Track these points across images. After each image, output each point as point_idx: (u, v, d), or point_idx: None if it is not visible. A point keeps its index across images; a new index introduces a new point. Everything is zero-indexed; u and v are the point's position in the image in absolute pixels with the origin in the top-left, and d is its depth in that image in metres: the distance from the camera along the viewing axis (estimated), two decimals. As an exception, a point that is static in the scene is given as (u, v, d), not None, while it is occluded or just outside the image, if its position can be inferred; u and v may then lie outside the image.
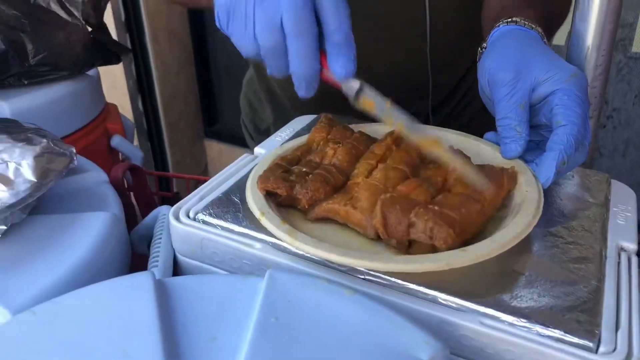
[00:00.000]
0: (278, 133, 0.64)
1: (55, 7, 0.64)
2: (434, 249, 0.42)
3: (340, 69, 0.46)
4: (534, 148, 0.53)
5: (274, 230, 0.44)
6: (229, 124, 2.47)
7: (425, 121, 0.84)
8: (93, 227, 0.46)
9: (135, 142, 2.29)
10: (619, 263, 0.45)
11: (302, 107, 0.83)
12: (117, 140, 0.78)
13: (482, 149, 0.56)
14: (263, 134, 0.98)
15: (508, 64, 0.50)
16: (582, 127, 0.47)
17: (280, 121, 0.91)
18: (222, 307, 0.37)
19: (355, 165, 0.51)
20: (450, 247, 0.41)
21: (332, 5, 0.44)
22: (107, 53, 0.73)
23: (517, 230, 0.43)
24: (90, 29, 0.74)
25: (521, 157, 0.51)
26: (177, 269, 0.50)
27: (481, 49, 0.58)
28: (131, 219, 0.64)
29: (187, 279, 0.40)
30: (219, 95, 2.48)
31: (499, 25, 0.56)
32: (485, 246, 0.41)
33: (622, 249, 0.47)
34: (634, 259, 0.45)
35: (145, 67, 2.17)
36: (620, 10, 0.53)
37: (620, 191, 0.54)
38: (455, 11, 0.74)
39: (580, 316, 0.38)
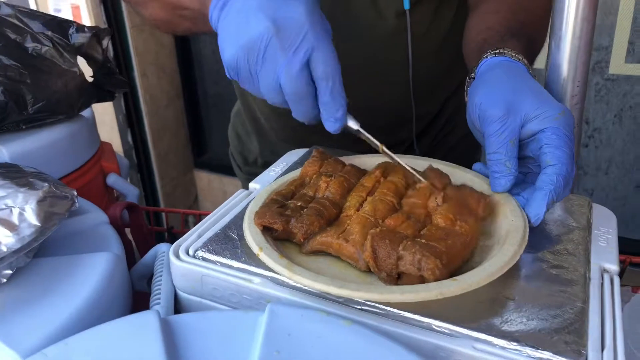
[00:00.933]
0: (272, 168, 0.66)
1: (52, 55, 0.67)
2: (422, 281, 0.44)
3: (329, 127, 0.53)
4: (521, 181, 0.54)
5: (273, 264, 0.46)
6: (218, 154, 2.50)
7: (410, 148, 0.88)
8: (97, 268, 0.48)
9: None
10: (602, 284, 0.47)
11: (287, 138, 0.86)
12: (113, 179, 0.79)
13: (468, 179, 0.58)
14: (251, 165, 1.01)
15: (498, 100, 0.51)
16: (569, 166, 0.49)
17: (267, 151, 0.94)
18: (225, 343, 0.39)
19: (347, 198, 0.53)
20: (438, 278, 0.43)
21: (321, 70, 0.49)
22: (102, 92, 0.75)
23: (505, 260, 0.45)
24: (92, 69, 0.76)
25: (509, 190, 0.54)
26: (178, 306, 0.51)
27: (469, 79, 0.59)
28: (129, 256, 0.65)
29: (190, 316, 0.42)
30: (207, 127, 2.50)
31: (486, 57, 0.57)
32: (475, 275, 0.43)
33: (604, 270, 0.49)
34: (616, 280, 0.48)
35: (134, 102, 2.20)
36: (591, 44, 0.56)
37: (601, 214, 0.57)
38: (435, 52, 0.80)
39: (567, 337, 0.40)
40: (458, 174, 0.59)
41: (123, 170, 0.88)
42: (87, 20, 2.05)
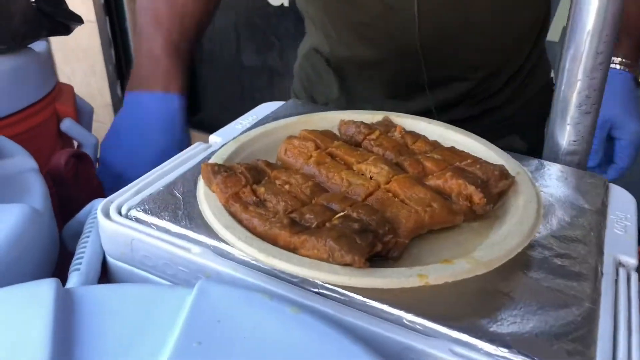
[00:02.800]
0: (239, 120, 0.57)
1: None
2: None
3: None
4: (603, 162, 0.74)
5: (213, 220, 0.38)
6: (212, 113, 2.40)
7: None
8: (5, 222, 0.39)
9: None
10: (616, 281, 0.38)
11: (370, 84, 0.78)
12: (67, 124, 0.70)
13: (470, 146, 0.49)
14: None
15: (604, 112, 0.61)
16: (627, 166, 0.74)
17: (344, 97, 0.85)
18: (136, 326, 0.30)
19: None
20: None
21: None
22: (55, 24, 0.65)
23: (506, 248, 0.37)
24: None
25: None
26: (107, 274, 0.43)
27: None
28: (76, 212, 0.57)
29: (101, 288, 0.33)
30: (201, 85, 2.40)
31: (612, 66, 0.70)
32: (469, 263, 0.35)
33: (620, 263, 0.40)
34: (634, 276, 0.39)
35: (125, 53, 2.09)
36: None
37: (619, 196, 0.48)
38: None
39: (571, 346, 0.32)
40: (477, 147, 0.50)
41: (85, 116, 0.80)
42: (78, -39, 1.93)
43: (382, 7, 0.70)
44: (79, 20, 0.68)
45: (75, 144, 0.80)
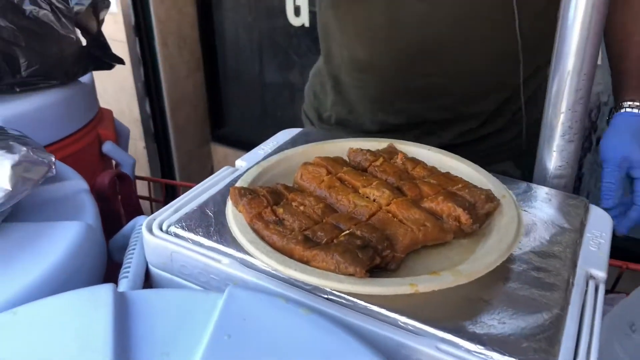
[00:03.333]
0: (261, 146, 0.65)
1: (50, 19, 0.65)
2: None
3: None
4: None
5: (240, 236, 0.45)
6: (235, 128, 2.49)
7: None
8: (65, 237, 0.47)
9: (142, 145, 2.31)
10: (586, 291, 0.45)
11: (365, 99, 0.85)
12: (108, 147, 0.78)
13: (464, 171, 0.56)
14: (325, 121, 0.99)
15: (619, 151, 0.69)
16: None
17: (344, 110, 0.91)
18: (178, 323, 0.38)
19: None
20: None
21: None
22: (100, 62, 0.74)
23: (485, 263, 0.43)
24: (86, 40, 0.75)
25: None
26: (149, 281, 0.50)
27: (611, 113, 0.76)
28: (117, 226, 0.64)
29: (148, 292, 0.41)
30: (226, 100, 2.49)
31: (627, 108, 0.73)
32: (454, 274, 0.41)
33: (591, 276, 0.46)
34: (601, 287, 0.45)
35: (154, 71, 2.19)
36: (601, 36, 0.52)
37: (598, 217, 0.54)
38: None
39: (538, 344, 0.38)
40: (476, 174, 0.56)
41: (123, 138, 0.88)
42: (110, -15, 2.04)
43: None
44: (120, 62, 0.76)
45: (114, 163, 0.88)
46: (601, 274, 0.46)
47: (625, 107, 0.73)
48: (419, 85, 0.80)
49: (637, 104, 0.72)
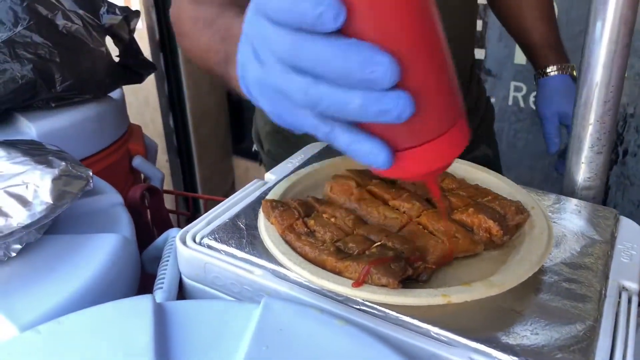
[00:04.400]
0: (290, 159, 0.66)
1: (81, 33, 0.68)
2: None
3: None
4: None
5: (273, 248, 0.45)
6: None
7: None
8: (103, 249, 0.48)
9: (165, 158, 2.34)
10: (619, 303, 0.44)
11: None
12: (138, 161, 0.80)
13: (493, 184, 0.56)
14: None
15: (554, 107, 0.88)
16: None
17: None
18: (217, 333, 0.39)
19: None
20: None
21: None
22: (130, 74, 0.76)
23: (519, 273, 0.43)
24: (118, 48, 0.77)
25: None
26: (183, 292, 0.51)
27: (538, 76, 0.92)
28: (148, 238, 0.66)
29: (185, 303, 0.42)
30: (247, 114, 2.52)
31: (547, 74, 0.90)
32: (485, 285, 0.42)
33: (623, 288, 0.46)
34: (635, 299, 0.45)
35: (177, 86, 2.23)
36: (629, 48, 0.53)
37: (628, 228, 0.54)
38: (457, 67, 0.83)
39: (572, 356, 0.38)
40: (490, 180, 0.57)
41: (151, 153, 0.90)
42: (135, 1, 2.09)
43: None
44: (153, 67, 0.78)
45: (142, 176, 0.90)
46: (634, 285, 0.46)
47: (549, 72, 0.90)
48: None
49: (554, 67, 0.89)
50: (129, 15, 0.75)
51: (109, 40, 0.76)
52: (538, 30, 0.91)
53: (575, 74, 0.90)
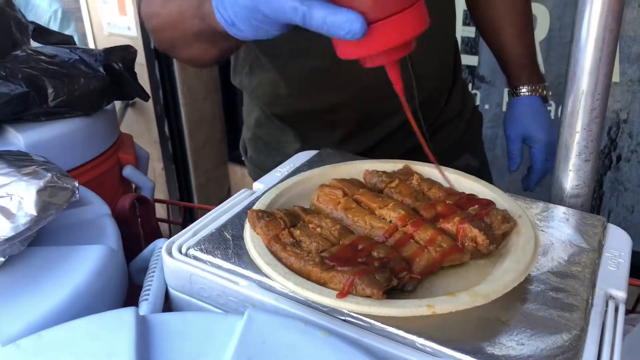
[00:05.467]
0: (278, 169, 0.65)
1: (78, 65, 0.68)
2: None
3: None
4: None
5: (258, 259, 0.45)
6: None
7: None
8: (88, 260, 0.48)
9: (161, 166, 2.34)
10: (605, 312, 0.44)
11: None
12: (128, 171, 0.80)
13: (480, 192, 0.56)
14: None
15: (520, 129, 0.92)
16: (544, 170, 0.93)
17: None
18: (200, 345, 0.38)
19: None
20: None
21: None
22: (123, 93, 0.76)
23: (503, 283, 0.43)
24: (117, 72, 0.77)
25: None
26: (169, 303, 0.51)
27: (510, 95, 0.95)
28: (136, 248, 0.65)
29: (169, 315, 0.41)
30: (241, 124, 2.52)
31: (520, 93, 0.93)
32: (470, 294, 0.42)
33: (610, 296, 0.46)
34: (621, 308, 0.45)
35: (172, 93, 2.23)
36: (614, 56, 0.53)
37: (616, 236, 0.53)
38: (435, 71, 0.87)
39: (557, 366, 0.38)
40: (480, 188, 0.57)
41: (142, 162, 0.89)
42: (130, 10, 2.09)
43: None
44: (146, 97, 0.77)
45: (134, 186, 0.90)
46: (621, 294, 0.46)
47: (520, 93, 0.92)
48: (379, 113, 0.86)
49: (526, 88, 0.91)
50: (127, 55, 0.75)
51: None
52: (514, 47, 0.93)
53: (546, 94, 0.93)
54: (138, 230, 0.73)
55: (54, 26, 2.12)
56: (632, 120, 1.62)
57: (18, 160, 0.56)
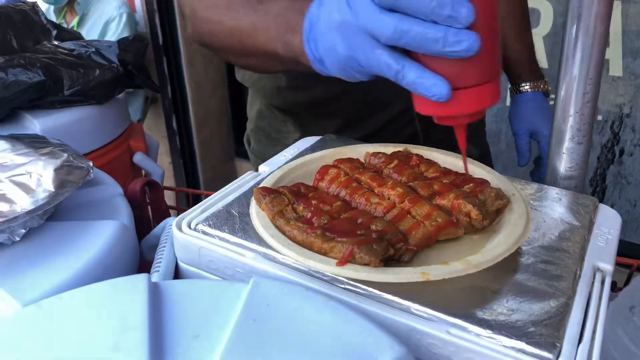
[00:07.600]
0: (283, 152, 0.68)
1: (94, 57, 0.71)
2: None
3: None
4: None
5: (263, 232, 0.48)
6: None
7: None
8: (102, 234, 0.51)
9: (168, 160, 2.37)
10: (592, 283, 0.47)
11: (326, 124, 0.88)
12: (138, 157, 0.83)
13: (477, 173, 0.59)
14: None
15: (526, 125, 0.95)
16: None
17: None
18: (208, 309, 0.41)
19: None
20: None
21: None
22: (136, 81, 0.79)
23: (494, 254, 0.45)
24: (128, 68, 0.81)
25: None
26: (178, 276, 0.54)
27: (512, 92, 0.98)
28: (146, 229, 0.68)
29: (179, 282, 0.44)
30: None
31: (523, 90, 0.96)
32: (463, 263, 0.44)
33: (598, 269, 0.48)
34: (608, 279, 0.47)
35: (180, 88, 2.27)
36: (605, 42, 0.55)
37: (607, 214, 0.56)
38: None
39: (544, 329, 0.40)
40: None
41: (152, 150, 0.92)
42: (139, 6, 2.12)
43: None
44: (157, 90, 0.80)
45: (143, 172, 0.93)
46: (608, 266, 0.48)
47: (522, 89, 0.96)
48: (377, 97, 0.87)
49: (528, 85, 0.95)
50: (139, 41, 0.78)
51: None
52: (513, 46, 0.96)
53: (548, 89, 0.96)
54: (148, 214, 0.76)
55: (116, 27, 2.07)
56: (635, 115, 1.64)
57: (36, 142, 0.59)
